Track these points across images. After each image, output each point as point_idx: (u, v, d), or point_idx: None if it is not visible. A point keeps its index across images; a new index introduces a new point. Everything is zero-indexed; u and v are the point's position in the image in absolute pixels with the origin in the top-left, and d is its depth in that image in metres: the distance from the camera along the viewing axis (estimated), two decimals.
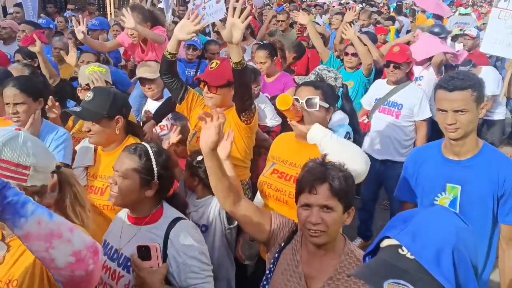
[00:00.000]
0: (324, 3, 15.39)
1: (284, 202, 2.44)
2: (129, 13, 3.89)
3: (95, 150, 2.61)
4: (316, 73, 3.57)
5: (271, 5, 17.31)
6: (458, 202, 2.27)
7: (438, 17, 12.44)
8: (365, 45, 4.78)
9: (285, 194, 2.42)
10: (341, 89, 3.52)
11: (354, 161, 2.09)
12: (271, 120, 3.83)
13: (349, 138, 3.09)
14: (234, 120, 2.85)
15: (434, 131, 4.45)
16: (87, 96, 2.49)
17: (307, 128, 2.26)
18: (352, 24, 4.95)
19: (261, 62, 4.35)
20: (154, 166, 2.02)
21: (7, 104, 2.79)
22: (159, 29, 4.19)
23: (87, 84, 3.29)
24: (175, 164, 2.94)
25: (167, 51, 2.87)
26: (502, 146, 5.40)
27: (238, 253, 2.67)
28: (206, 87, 2.86)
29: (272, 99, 4.16)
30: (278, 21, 7.11)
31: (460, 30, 8.62)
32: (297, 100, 2.36)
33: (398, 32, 9.76)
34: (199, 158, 2.64)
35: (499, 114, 5.77)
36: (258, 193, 2.68)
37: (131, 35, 4.09)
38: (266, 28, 7.40)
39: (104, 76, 3.37)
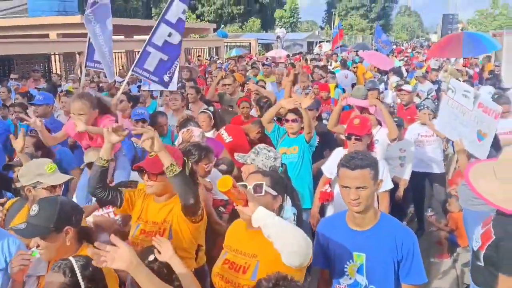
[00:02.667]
0: (273, 62, 15.87)
1: None
2: (78, 117, 3.89)
3: None
4: (256, 151, 3.63)
5: (219, 61, 17.74)
6: (365, 268, 2.50)
7: (382, 70, 13.24)
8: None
9: (235, 286, 2.35)
10: (280, 168, 3.59)
11: (295, 245, 2.09)
12: None
13: (295, 219, 3.11)
14: (180, 212, 2.77)
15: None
16: (32, 209, 2.39)
17: (252, 211, 2.21)
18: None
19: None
20: (81, 280, 1.98)
21: None
22: (109, 118, 4.09)
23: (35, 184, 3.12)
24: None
25: (100, 159, 2.78)
26: (453, 201, 5.59)
27: None
28: (146, 175, 2.81)
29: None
30: (225, 84, 7.24)
31: (398, 84, 9.13)
32: (245, 186, 2.37)
33: (342, 88, 10.13)
34: (151, 258, 2.43)
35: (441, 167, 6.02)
36: None
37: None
38: (215, 88, 7.41)
39: (54, 175, 3.21)
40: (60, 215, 2.37)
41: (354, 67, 13.27)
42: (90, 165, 3.71)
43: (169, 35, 5.96)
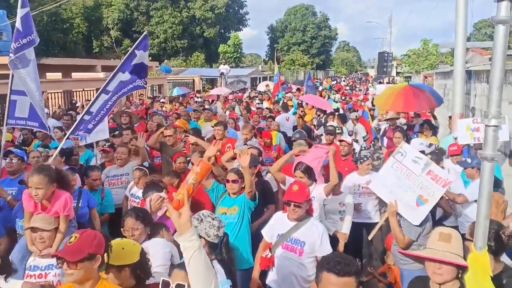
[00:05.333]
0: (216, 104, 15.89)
1: None
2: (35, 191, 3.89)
3: None
4: (200, 218, 3.54)
5: (163, 100, 17.58)
6: None
7: (322, 111, 13.63)
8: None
9: None
10: (221, 238, 3.53)
11: None
12: None
13: None
14: None
15: None
16: None
17: None
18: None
19: None
20: None
21: None
22: (67, 203, 4.03)
23: None
24: None
25: None
26: (390, 254, 5.69)
27: None
28: (65, 263, 2.69)
29: None
30: (166, 136, 7.12)
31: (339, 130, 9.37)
32: (168, 283, 2.34)
33: (283, 132, 10.24)
34: None
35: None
36: None
37: (35, 195, 3.92)
38: (156, 139, 7.19)
39: None
40: None
41: (301, 111, 13.48)
42: (34, 229, 3.71)
43: (102, 98, 6.03)
